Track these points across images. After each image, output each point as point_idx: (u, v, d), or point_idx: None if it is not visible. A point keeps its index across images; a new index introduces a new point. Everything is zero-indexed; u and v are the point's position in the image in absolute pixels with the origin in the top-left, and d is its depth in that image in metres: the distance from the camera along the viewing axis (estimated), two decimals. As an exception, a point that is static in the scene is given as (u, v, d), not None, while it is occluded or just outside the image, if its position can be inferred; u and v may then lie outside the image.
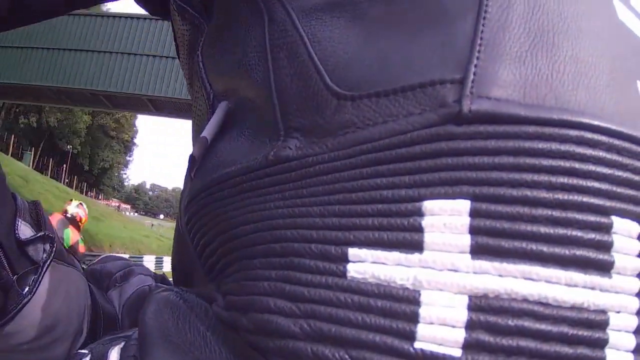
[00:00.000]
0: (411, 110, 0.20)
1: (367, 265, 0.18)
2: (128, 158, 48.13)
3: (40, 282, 0.32)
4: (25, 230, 0.32)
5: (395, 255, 0.18)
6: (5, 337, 0.30)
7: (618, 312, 0.18)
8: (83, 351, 0.29)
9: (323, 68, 0.22)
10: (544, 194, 0.18)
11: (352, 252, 0.19)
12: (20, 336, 0.31)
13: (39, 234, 0.33)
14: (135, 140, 46.13)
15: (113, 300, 0.43)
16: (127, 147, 42.45)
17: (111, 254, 0.49)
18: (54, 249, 0.34)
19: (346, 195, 0.20)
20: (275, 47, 0.24)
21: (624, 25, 0.23)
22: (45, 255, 0.33)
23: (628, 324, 0.18)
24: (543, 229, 0.17)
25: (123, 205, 66.27)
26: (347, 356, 0.17)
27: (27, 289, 0.31)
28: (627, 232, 0.18)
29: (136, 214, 66.36)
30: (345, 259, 0.19)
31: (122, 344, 0.26)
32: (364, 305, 0.18)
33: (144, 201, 69.49)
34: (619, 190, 0.18)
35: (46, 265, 0.32)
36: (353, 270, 0.18)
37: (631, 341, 0.18)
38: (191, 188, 0.27)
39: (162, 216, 66.58)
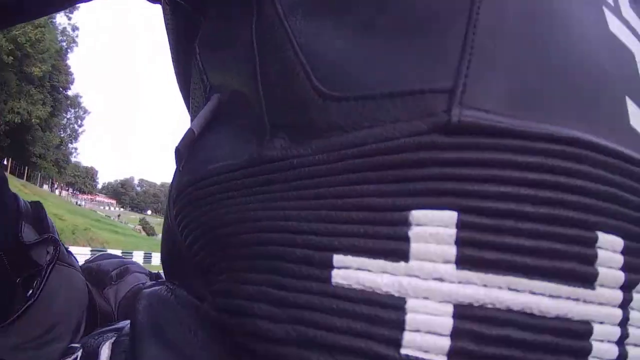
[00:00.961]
0: (398, 117, 0.19)
1: (352, 271, 0.18)
2: (77, 127, 40.10)
3: (44, 284, 0.32)
4: (29, 234, 0.33)
5: (380, 263, 0.18)
6: (8, 336, 0.31)
7: (601, 322, 0.18)
8: (75, 345, 0.29)
9: (309, 65, 0.22)
10: (529, 208, 0.18)
11: (337, 258, 0.19)
12: (23, 335, 0.32)
13: (42, 237, 0.33)
14: (79, 96, 37.82)
15: (109, 299, 0.43)
16: (57, 100, 33.65)
17: (106, 252, 0.49)
18: (57, 252, 0.34)
19: (331, 201, 0.19)
20: (262, 42, 0.24)
21: (615, 37, 0.23)
22: (48, 258, 0.33)
23: (611, 333, 0.18)
24: (528, 242, 0.18)
25: (106, 200, 59.12)
26: (330, 359, 0.17)
27: (30, 291, 0.32)
28: (611, 247, 0.18)
29: (119, 208, 59.13)
30: (330, 265, 0.19)
31: (114, 338, 0.26)
32: (349, 312, 0.18)
33: (130, 196, 62.60)
34: (604, 205, 0.18)
35: (50, 268, 0.33)
36: (338, 277, 0.18)
37: (614, 351, 0.18)
38: (179, 181, 0.27)
39: (149, 212, 59.13)
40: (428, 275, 0.18)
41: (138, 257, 17.79)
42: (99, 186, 62.88)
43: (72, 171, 55.24)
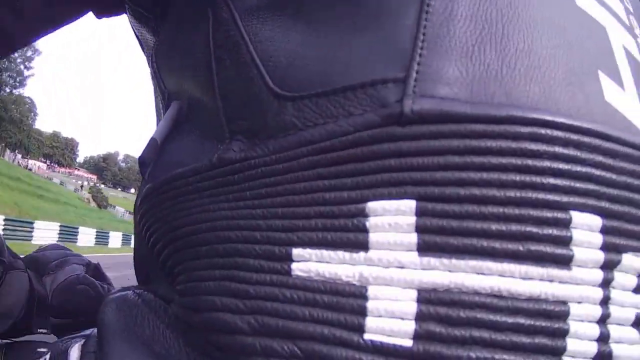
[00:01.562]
0: (352, 111, 0.19)
1: (311, 264, 0.18)
2: (24, 69, 35.04)
3: None
4: None
5: (340, 255, 0.18)
6: None
7: (579, 302, 0.18)
8: (42, 350, 0.30)
9: (264, 69, 0.22)
10: (494, 192, 0.17)
11: (296, 252, 0.19)
12: None
13: None
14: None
15: (46, 285, 0.48)
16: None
17: (55, 243, 0.54)
18: (4, 274, 0.38)
19: (288, 198, 0.20)
20: (218, 47, 0.24)
21: (583, 11, 0.22)
22: None
23: (590, 313, 0.18)
24: (494, 226, 0.17)
25: (86, 175, 56.05)
26: (296, 348, 0.18)
27: None
28: (588, 227, 0.18)
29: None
30: (289, 259, 0.19)
31: (82, 341, 0.27)
32: (310, 300, 0.18)
33: (112, 172, 59.44)
34: (578, 185, 0.18)
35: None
36: (297, 269, 0.19)
37: (594, 330, 0.18)
38: (143, 188, 0.28)
39: (133, 190, 56.12)
40: (389, 264, 0.18)
41: (47, 231, 13.06)
42: (80, 160, 60.26)
43: (50, 141, 52.42)
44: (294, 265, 0.19)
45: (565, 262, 0.17)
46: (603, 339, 0.18)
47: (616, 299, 0.18)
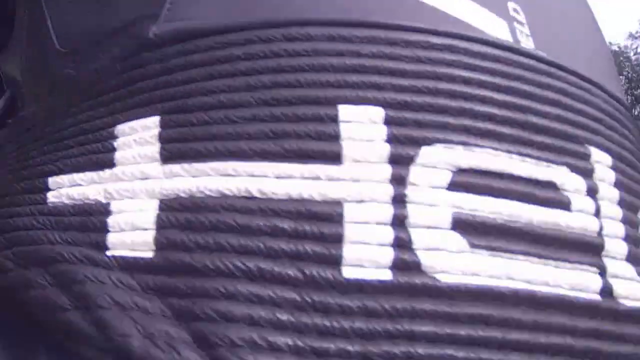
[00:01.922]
0: (113, 50, 0.21)
1: (64, 189, 0.19)
2: None
3: None
4: None
5: (88, 175, 0.19)
6: None
7: (360, 201, 0.16)
8: None
9: (54, 33, 0.23)
10: (240, 96, 0.17)
11: (52, 180, 0.19)
12: None
13: None
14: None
15: None
16: None
17: None
18: None
19: (55, 135, 0.21)
20: (28, 32, 0.27)
21: None
22: None
23: (375, 215, 0.16)
24: (240, 128, 0.17)
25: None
26: (46, 274, 0.18)
27: None
28: (366, 119, 0.17)
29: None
30: (45, 188, 0.19)
31: None
32: (60, 224, 0.18)
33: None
34: (350, 78, 0.17)
35: None
36: (52, 196, 0.19)
37: (386, 234, 0.16)
38: None
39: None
40: (133, 177, 0.18)
41: None
42: None
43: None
44: (49, 194, 0.19)
45: (332, 158, 0.17)
46: (401, 244, 0.16)
47: (415, 197, 0.17)
